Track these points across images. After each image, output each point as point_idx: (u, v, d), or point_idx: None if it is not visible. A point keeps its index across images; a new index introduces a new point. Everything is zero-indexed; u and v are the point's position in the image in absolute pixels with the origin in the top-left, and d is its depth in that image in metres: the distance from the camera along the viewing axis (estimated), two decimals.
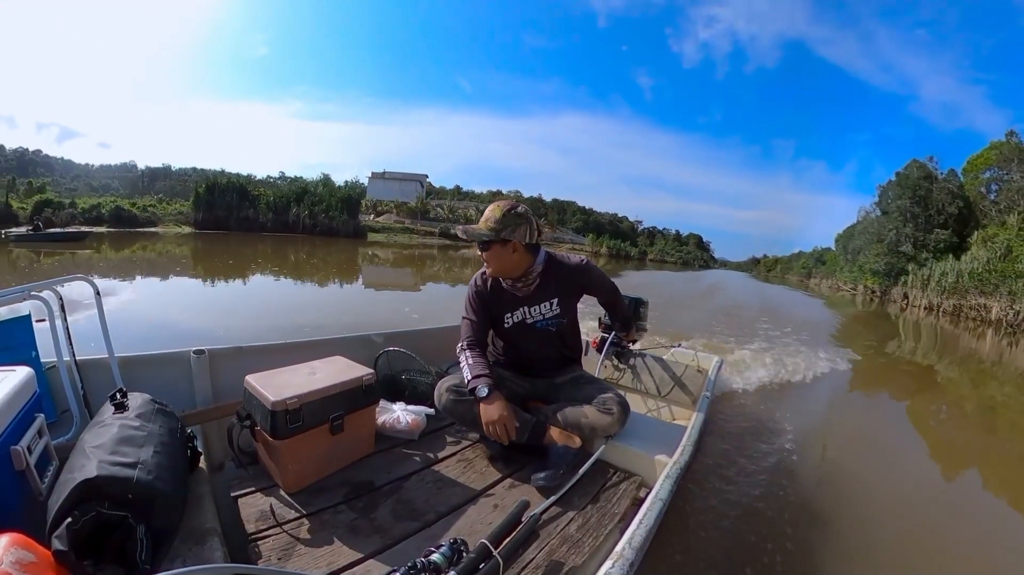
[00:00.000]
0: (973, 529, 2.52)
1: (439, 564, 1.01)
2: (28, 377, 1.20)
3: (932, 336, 12.49)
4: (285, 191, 34.88)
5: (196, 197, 31.28)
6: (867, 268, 28.31)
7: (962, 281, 18.75)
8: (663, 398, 2.81)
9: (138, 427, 1.21)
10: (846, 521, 2.36)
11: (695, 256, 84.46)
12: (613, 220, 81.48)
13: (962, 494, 3.10)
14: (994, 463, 3.69)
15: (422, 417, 1.95)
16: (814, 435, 3.53)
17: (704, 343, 6.26)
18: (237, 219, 31.19)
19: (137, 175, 54.70)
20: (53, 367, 1.62)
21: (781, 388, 4.78)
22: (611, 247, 60.51)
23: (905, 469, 3.35)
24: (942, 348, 10.48)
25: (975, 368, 8.33)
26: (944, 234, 25.05)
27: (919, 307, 20.48)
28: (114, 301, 6.89)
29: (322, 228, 33.03)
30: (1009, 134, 24.55)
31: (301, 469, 1.49)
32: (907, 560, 2.18)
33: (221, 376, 1.94)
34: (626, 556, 0.99)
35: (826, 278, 38.78)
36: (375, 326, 2.73)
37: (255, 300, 8.83)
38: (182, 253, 17.21)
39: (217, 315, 6.88)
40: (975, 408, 5.51)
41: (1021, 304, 15.17)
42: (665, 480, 1.39)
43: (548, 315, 1.97)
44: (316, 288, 10.92)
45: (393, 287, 12.24)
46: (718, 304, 13.78)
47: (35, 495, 1.09)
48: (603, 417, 1.81)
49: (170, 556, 1.06)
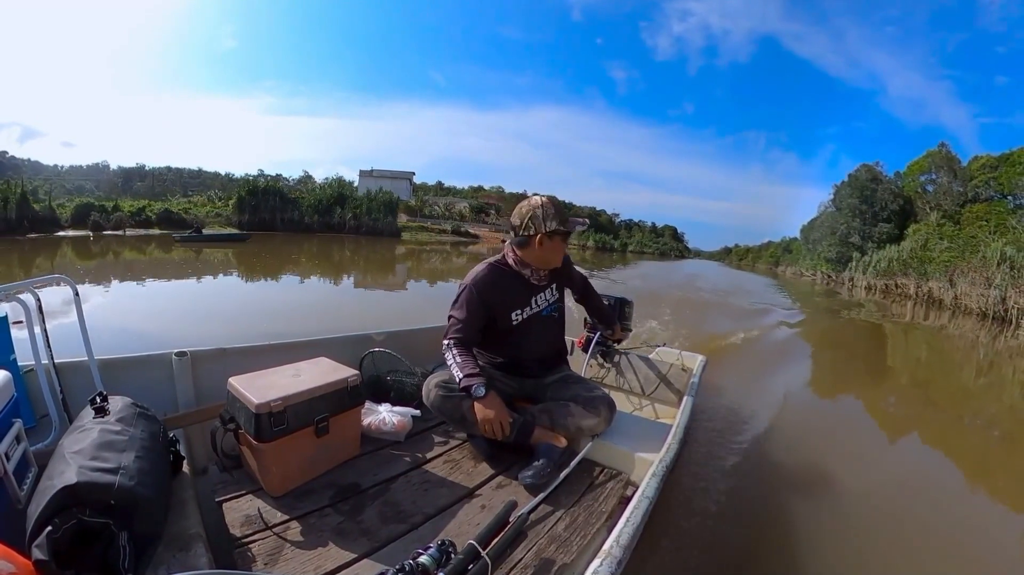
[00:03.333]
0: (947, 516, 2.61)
1: (427, 566, 1.01)
2: (5, 381, 1.17)
3: (871, 306, 16.42)
4: (325, 194, 37.02)
5: (239, 200, 32.85)
6: (822, 256, 33.35)
7: (892, 266, 23.60)
8: (648, 397, 2.84)
9: (119, 431, 1.19)
10: (830, 513, 2.41)
11: (671, 247, 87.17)
12: (592, 214, 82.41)
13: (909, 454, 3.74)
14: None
15: (408, 418, 1.94)
16: (793, 425, 3.68)
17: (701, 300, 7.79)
18: (282, 220, 33.08)
19: (110, 175, 53.44)
20: (31, 370, 1.58)
21: (761, 371, 5.36)
22: (597, 241, 62.15)
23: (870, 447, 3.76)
24: (879, 314, 14.32)
25: (902, 325, 12.46)
26: (887, 227, 29.55)
27: (860, 287, 25.12)
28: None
29: (367, 228, 35.25)
30: (941, 145, 29.98)
31: (286, 472, 1.47)
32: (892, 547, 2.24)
33: (203, 378, 1.91)
34: (614, 554, 1.00)
35: (790, 266, 43.07)
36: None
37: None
38: (254, 251, 18.93)
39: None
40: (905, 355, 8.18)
41: (929, 283, 19.42)
42: (651, 478, 1.40)
43: (552, 300, 2.04)
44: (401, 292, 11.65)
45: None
46: (704, 286, 17.88)
47: (14, 503, 1.07)
48: (589, 416, 1.83)
49: (154, 563, 1.04)
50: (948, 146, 29.62)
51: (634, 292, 6.25)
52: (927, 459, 3.60)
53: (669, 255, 77.10)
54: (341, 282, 12.59)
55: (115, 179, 52.27)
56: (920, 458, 3.61)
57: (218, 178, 58.84)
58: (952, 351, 9.32)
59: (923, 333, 11.42)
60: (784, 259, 48.59)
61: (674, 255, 80.00)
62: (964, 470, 3.40)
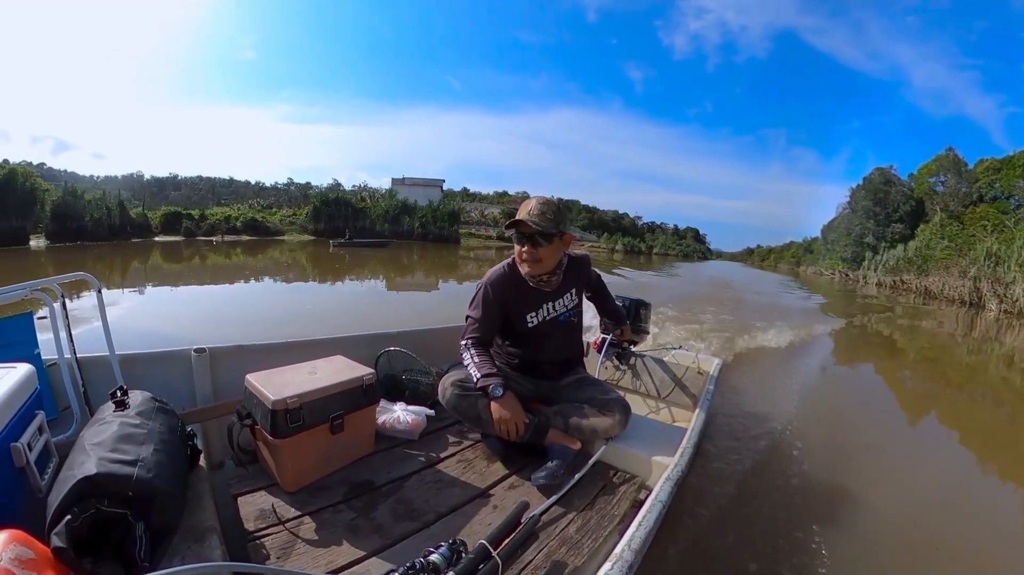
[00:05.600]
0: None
1: (438, 564, 1.01)
2: (29, 374, 1.20)
3: (881, 298, 19.32)
4: (392, 204, 41.01)
5: (315, 209, 37.21)
6: (839, 256, 36.53)
7: (898, 264, 26.35)
8: (663, 400, 2.81)
9: (138, 425, 1.21)
10: (848, 521, 2.36)
11: (694, 249, 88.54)
12: (615, 217, 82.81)
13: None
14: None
15: (422, 417, 1.95)
16: (813, 428, 3.58)
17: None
18: (355, 228, 35.40)
19: (144, 185, 54.76)
20: (54, 364, 1.62)
21: (780, 370, 5.46)
22: (625, 244, 64.72)
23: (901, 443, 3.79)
24: (889, 304, 16.68)
25: (911, 310, 14.79)
26: (899, 228, 32.52)
27: (872, 284, 27.12)
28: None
29: (433, 235, 39.14)
30: (948, 149, 33.16)
31: (301, 468, 1.49)
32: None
33: (222, 374, 1.94)
34: (625, 558, 0.99)
35: (810, 266, 45.97)
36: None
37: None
38: (337, 253, 22.26)
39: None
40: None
41: (928, 279, 21.24)
42: (665, 482, 1.39)
43: (570, 306, 2.02)
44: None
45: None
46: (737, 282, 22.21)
47: (35, 492, 1.09)
48: (604, 419, 1.81)
49: (169, 554, 1.06)
50: (955, 151, 32.96)
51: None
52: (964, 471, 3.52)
53: (692, 257, 78.07)
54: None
55: (150, 189, 53.53)
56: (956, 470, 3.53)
57: (249, 186, 60.99)
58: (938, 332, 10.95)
59: (912, 315, 13.58)
60: (805, 259, 50.48)
61: (697, 257, 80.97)
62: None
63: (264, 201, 47.35)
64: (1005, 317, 13.79)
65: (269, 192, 55.29)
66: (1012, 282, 15.60)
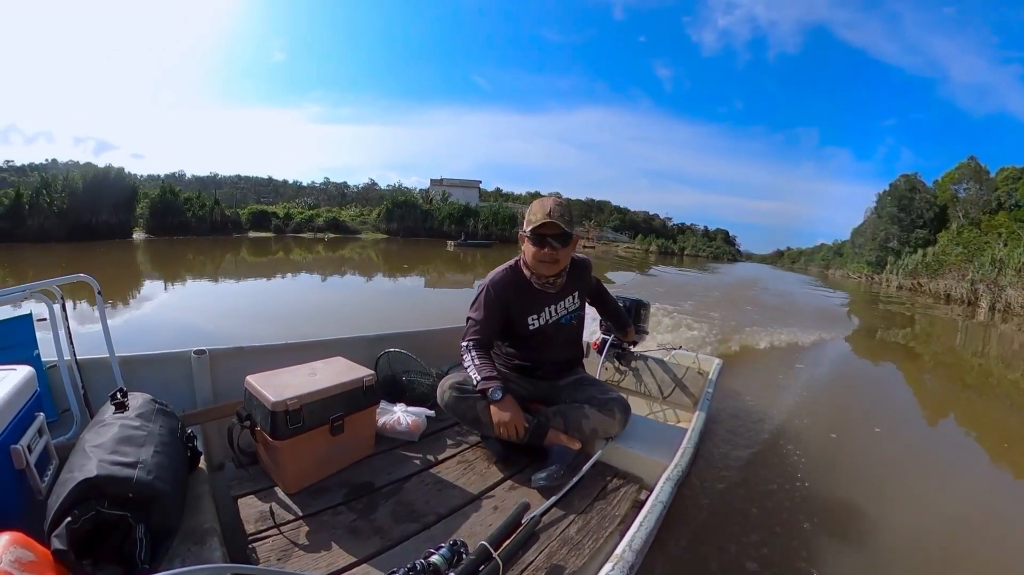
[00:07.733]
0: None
1: (439, 566, 1.01)
2: (29, 376, 1.20)
3: (899, 299, 20.84)
4: (455, 208, 43.10)
5: (387, 211, 40.60)
6: (864, 260, 38.63)
7: (917, 268, 27.91)
8: (664, 400, 2.81)
9: (138, 427, 1.21)
10: (849, 521, 2.35)
11: (724, 251, 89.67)
12: (646, 218, 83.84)
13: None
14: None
15: (422, 419, 1.94)
16: (814, 428, 3.57)
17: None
18: (424, 229, 39.56)
19: (187, 184, 55.28)
20: (54, 366, 1.62)
21: (780, 370, 5.47)
22: (660, 246, 66.80)
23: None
24: (907, 304, 18.08)
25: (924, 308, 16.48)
26: (922, 233, 34.22)
27: (893, 286, 28.70)
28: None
29: (496, 236, 40.58)
30: (970, 158, 34.84)
31: (301, 470, 1.48)
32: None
33: (221, 376, 1.93)
34: (626, 559, 0.99)
35: (838, 269, 47.66)
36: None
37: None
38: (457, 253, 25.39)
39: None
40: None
41: (941, 283, 22.26)
42: (665, 483, 1.38)
43: (572, 309, 2.01)
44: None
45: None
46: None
47: (35, 494, 1.09)
48: (604, 419, 1.81)
49: (169, 556, 1.06)
50: (977, 159, 34.52)
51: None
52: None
53: (722, 258, 78.68)
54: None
55: (193, 188, 54.42)
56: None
57: (287, 186, 62.96)
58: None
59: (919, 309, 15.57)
60: (834, 262, 52.52)
61: (727, 258, 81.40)
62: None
63: (308, 199, 49.79)
64: (990, 314, 15.66)
65: (307, 191, 57.52)
66: (1007, 285, 17.10)
